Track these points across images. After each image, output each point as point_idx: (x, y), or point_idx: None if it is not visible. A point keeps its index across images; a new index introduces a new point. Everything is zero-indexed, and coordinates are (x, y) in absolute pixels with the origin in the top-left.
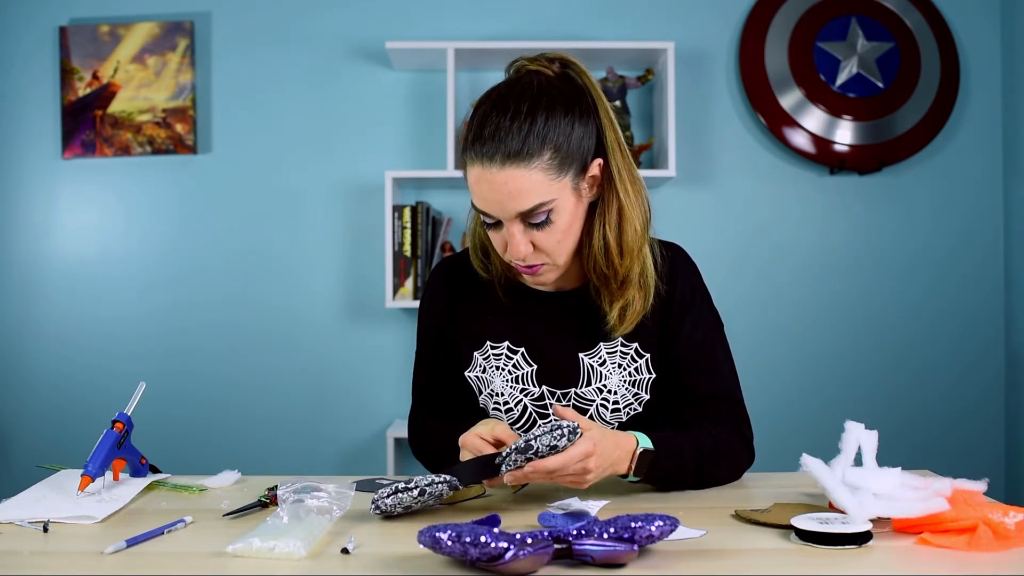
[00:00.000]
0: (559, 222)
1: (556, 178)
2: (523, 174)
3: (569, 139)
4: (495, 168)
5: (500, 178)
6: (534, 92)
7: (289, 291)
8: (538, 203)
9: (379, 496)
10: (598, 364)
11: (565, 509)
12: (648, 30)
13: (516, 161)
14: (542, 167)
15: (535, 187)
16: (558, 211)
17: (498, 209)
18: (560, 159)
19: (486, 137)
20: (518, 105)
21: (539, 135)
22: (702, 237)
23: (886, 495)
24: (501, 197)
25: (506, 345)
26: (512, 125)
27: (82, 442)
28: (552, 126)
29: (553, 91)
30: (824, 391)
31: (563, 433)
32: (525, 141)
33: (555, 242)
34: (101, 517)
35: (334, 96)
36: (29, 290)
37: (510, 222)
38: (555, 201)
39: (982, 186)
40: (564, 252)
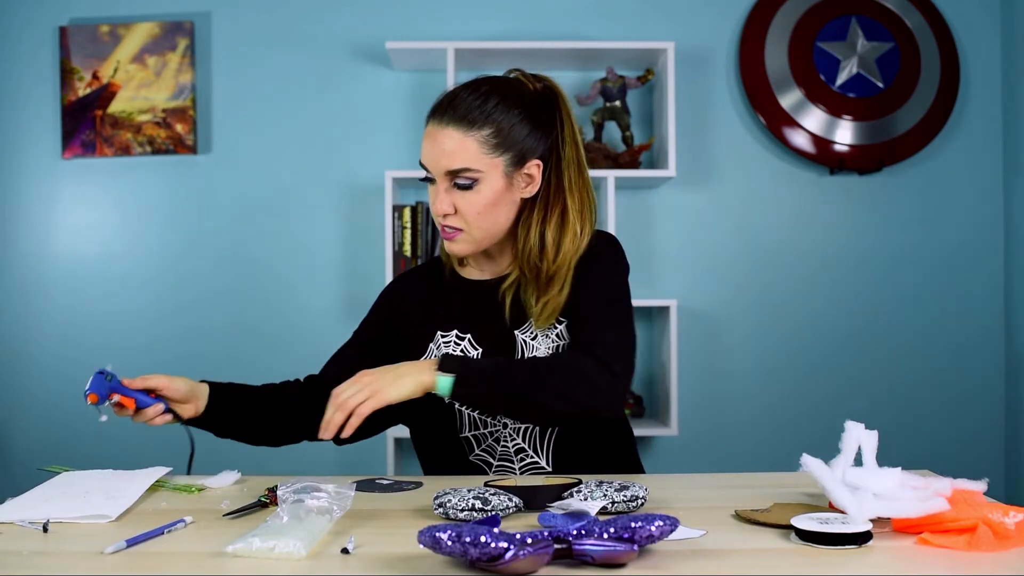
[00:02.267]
0: (483, 194)
1: (488, 154)
2: (460, 137)
3: (512, 129)
4: (440, 127)
5: (441, 135)
6: (502, 84)
7: (289, 291)
8: (464, 167)
9: (448, 502)
10: (530, 338)
11: (565, 509)
12: (648, 30)
13: (457, 125)
14: (478, 139)
15: (466, 153)
16: (484, 183)
17: (432, 163)
18: (498, 141)
19: (443, 102)
20: (480, 87)
21: (485, 113)
22: (702, 237)
23: (886, 495)
24: (437, 152)
25: (454, 333)
26: (467, 98)
27: (82, 442)
28: (500, 112)
29: (518, 93)
30: (824, 391)
31: None
32: (471, 111)
33: (475, 212)
34: (115, 515)
35: (334, 96)
36: (29, 290)
37: (439, 178)
38: (483, 174)
39: (982, 186)
40: (481, 226)
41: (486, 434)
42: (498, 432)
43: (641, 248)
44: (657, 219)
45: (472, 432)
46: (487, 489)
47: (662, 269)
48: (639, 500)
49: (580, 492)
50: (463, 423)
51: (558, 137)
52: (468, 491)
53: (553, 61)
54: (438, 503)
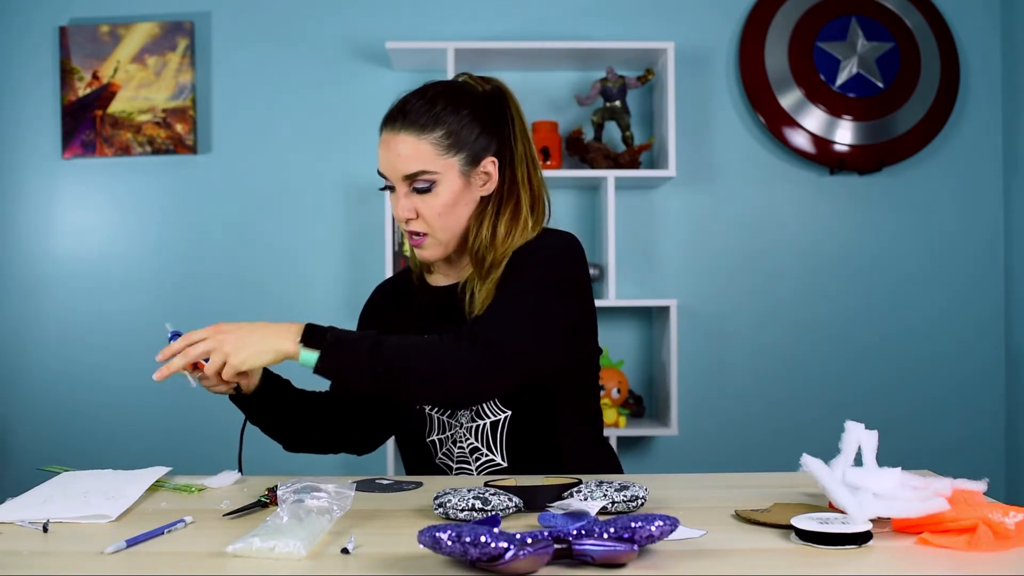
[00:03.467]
0: (441, 196)
1: (443, 155)
2: (413, 141)
3: (462, 129)
4: (393, 133)
5: (395, 141)
6: (449, 88)
7: (289, 291)
8: (421, 170)
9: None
10: None
11: (565, 509)
12: (648, 30)
13: (410, 130)
14: (431, 141)
15: (421, 156)
16: (442, 184)
17: (389, 169)
18: (450, 142)
19: (395, 110)
20: (427, 91)
21: (436, 116)
22: (702, 237)
23: (886, 495)
24: (392, 158)
25: None
26: (417, 103)
27: (82, 442)
28: (450, 114)
29: (467, 95)
30: (824, 391)
31: None
32: (421, 116)
33: (435, 214)
34: (115, 515)
35: (334, 96)
36: (29, 290)
37: (397, 183)
38: (439, 175)
39: (982, 186)
40: (444, 227)
41: (447, 436)
42: (455, 433)
43: (641, 248)
44: (657, 219)
45: (438, 435)
46: (487, 489)
47: (662, 269)
48: (639, 500)
49: (580, 492)
50: (431, 427)
51: (510, 134)
52: (468, 491)
53: (553, 61)
54: (438, 503)
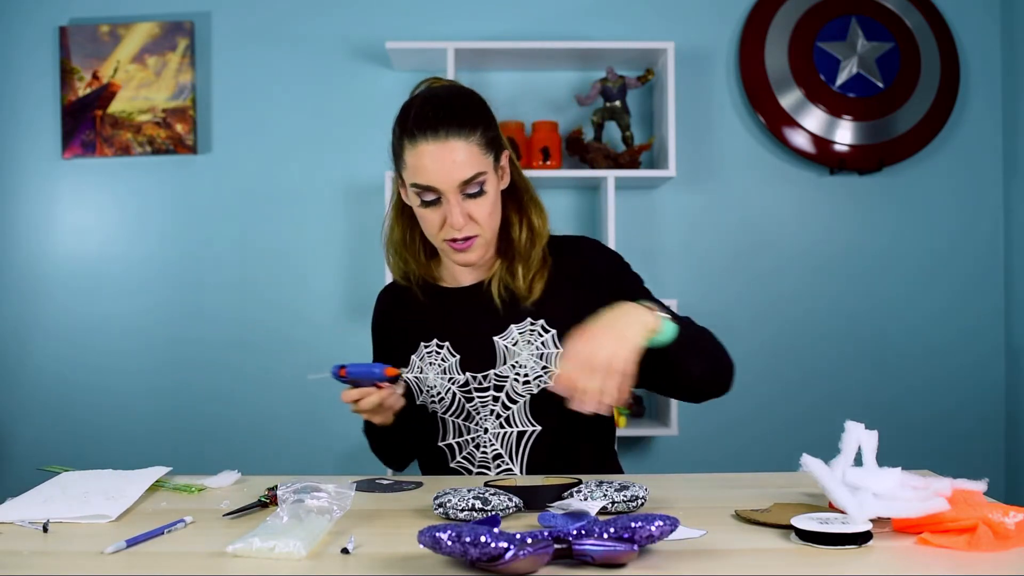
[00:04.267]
0: (489, 194)
1: (486, 154)
2: (464, 145)
3: (488, 126)
4: (440, 141)
5: (446, 149)
6: (458, 89)
7: (289, 291)
8: (476, 172)
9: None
10: (511, 344)
11: (565, 509)
12: (648, 30)
13: (458, 135)
14: (477, 141)
15: (473, 158)
16: (488, 184)
17: (443, 180)
18: (488, 139)
19: (429, 117)
20: (450, 95)
21: (473, 115)
22: (702, 237)
23: (886, 495)
24: (446, 167)
25: (434, 342)
26: (452, 107)
27: (82, 442)
28: (476, 112)
29: (467, 93)
30: (824, 391)
31: None
32: (464, 118)
33: (487, 214)
34: (115, 515)
35: (334, 96)
36: (29, 290)
37: (451, 193)
38: (486, 174)
39: (982, 186)
40: (492, 226)
41: (466, 440)
42: (479, 438)
43: (641, 248)
44: (657, 219)
45: (456, 439)
46: (487, 489)
47: (662, 269)
48: (639, 500)
49: (580, 492)
50: (445, 432)
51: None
52: (468, 491)
53: (553, 61)
54: (438, 503)
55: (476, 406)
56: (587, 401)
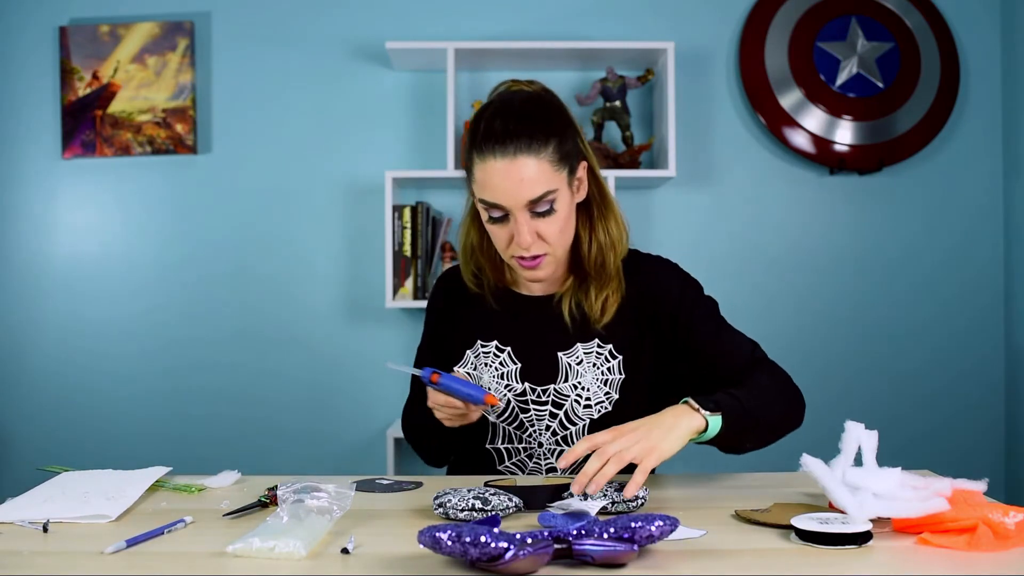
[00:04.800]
0: (560, 212)
1: (557, 170)
2: (534, 163)
3: (564, 139)
4: (508, 159)
5: (514, 167)
6: (532, 99)
7: (289, 291)
8: (545, 190)
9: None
10: (575, 363)
11: (565, 509)
12: (648, 30)
13: (527, 152)
14: (548, 158)
15: (543, 175)
16: (559, 201)
17: (511, 198)
18: (561, 154)
19: (498, 132)
20: (523, 108)
21: (543, 130)
22: (702, 237)
23: (886, 495)
24: (514, 185)
25: (494, 344)
26: (521, 123)
27: (82, 442)
28: (550, 125)
29: (544, 101)
30: (824, 391)
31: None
32: (534, 135)
33: (557, 231)
34: (115, 516)
35: (334, 96)
36: (29, 290)
37: (519, 211)
38: (557, 191)
39: (982, 186)
40: (563, 243)
41: (520, 448)
42: (531, 450)
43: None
44: (657, 219)
45: (505, 445)
46: (487, 489)
47: None
48: (639, 500)
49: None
50: (494, 435)
51: (576, 134)
52: (468, 491)
53: (553, 61)
54: (438, 503)
55: (531, 418)
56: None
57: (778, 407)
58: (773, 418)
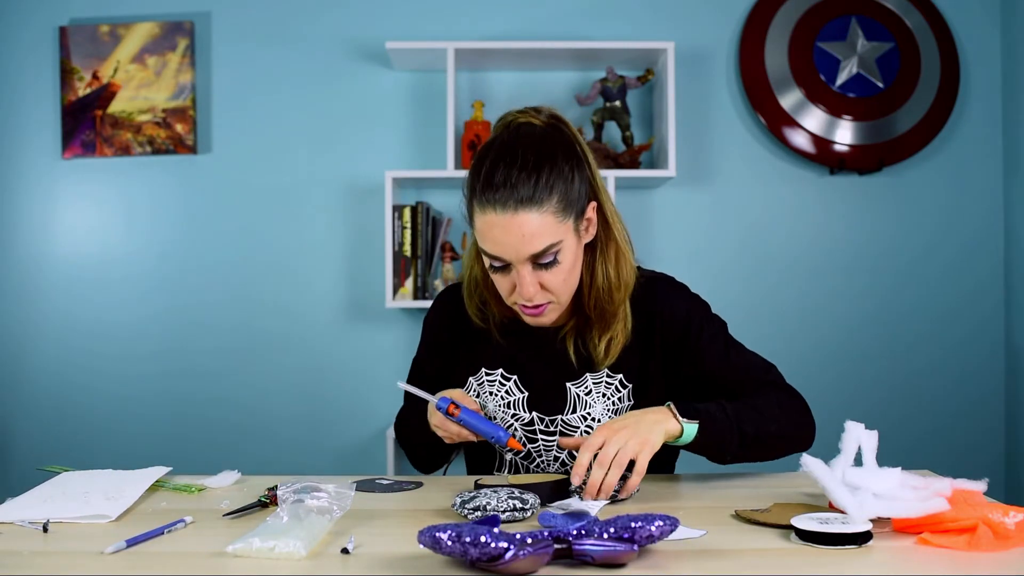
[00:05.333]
0: (564, 262)
1: (562, 221)
2: (535, 218)
3: (571, 184)
4: (509, 213)
5: (515, 222)
6: (536, 142)
7: (289, 291)
8: (548, 244)
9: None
10: (584, 393)
11: (565, 509)
12: (648, 30)
13: (529, 206)
14: (551, 210)
15: (546, 230)
16: (563, 252)
17: (511, 252)
18: (565, 203)
19: (498, 184)
20: (525, 155)
21: (547, 181)
22: (702, 237)
23: (886, 495)
24: (514, 240)
25: (500, 372)
26: (522, 174)
27: (82, 442)
28: (556, 173)
29: (550, 141)
30: (824, 391)
31: None
32: (536, 187)
33: (561, 281)
34: (115, 516)
35: (334, 96)
36: (29, 290)
37: (520, 264)
38: (562, 242)
39: (982, 186)
40: (568, 291)
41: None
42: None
43: (641, 248)
44: (657, 219)
45: (510, 474)
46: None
47: (662, 269)
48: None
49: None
50: (502, 464)
51: (588, 167)
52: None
53: (553, 61)
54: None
55: (539, 448)
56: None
57: (776, 426)
58: (766, 438)
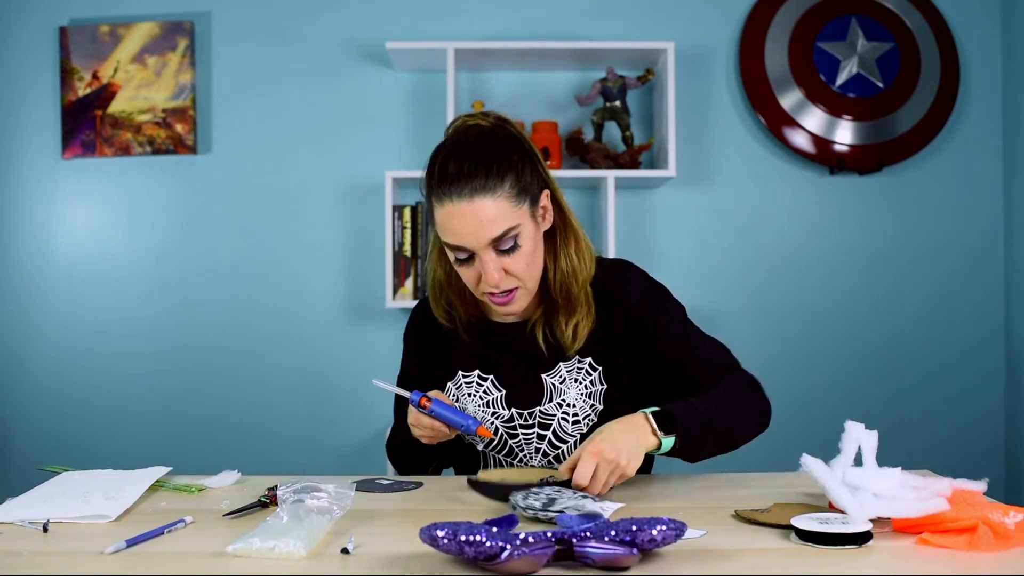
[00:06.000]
0: (525, 246)
1: (517, 205)
2: (491, 203)
3: (521, 172)
4: (465, 201)
5: (471, 209)
6: (484, 138)
7: (289, 291)
8: (506, 228)
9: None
10: (558, 382)
11: (579, 510)
12: (648, 30)
13: (483, 192)
14: (505, 195)
15: (502, 214)
16: (523, 236)
17: (472, 239)
18: (519, 188)
19: (452, 176)
20: (473, 149)
21: (497, 170)
22: (702, 237)
23: (886, 495)
24: (473, 227)
25: (476, 373)
26: (472, 164)
27: (82, 442)
28: (505, 161)
29: (497, 136)
30: (824, 391)
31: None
32: (488, 175)
33: (524, 265)
34: (115, 516)
35: (334, 96)
36: (29, 290)
37: (483, 251)
38: (520, 227)
39: (982, 186)
40: (533, 276)
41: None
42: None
43: (641, 248)
44: (657, 219)
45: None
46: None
47: (661, 269)
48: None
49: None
50: (486, 464)
51: (538, 162)
52: (574, 492)
53: (553, 61)
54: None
55: (520, 443)
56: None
57: (738, 416)
58: (732, 428)
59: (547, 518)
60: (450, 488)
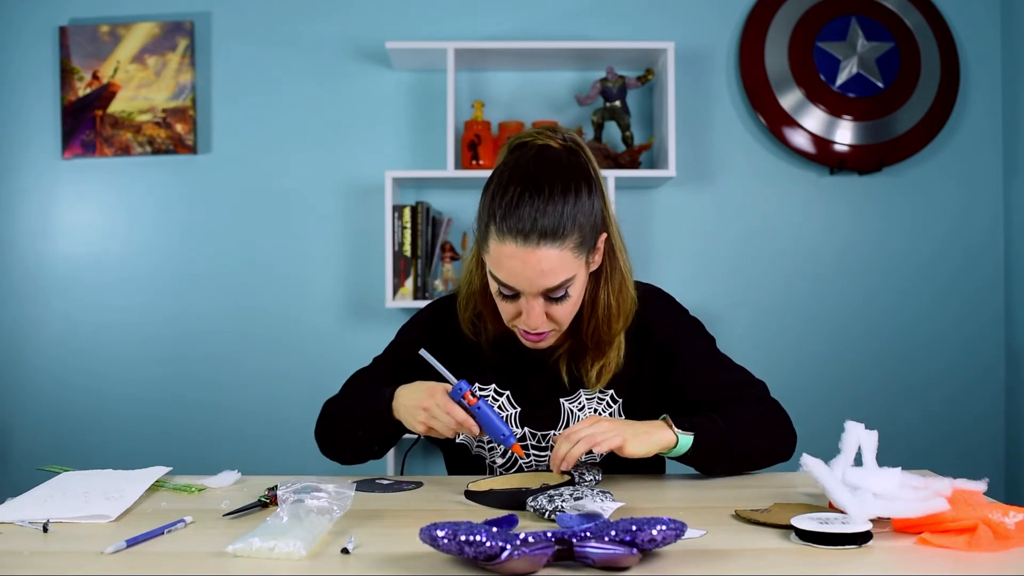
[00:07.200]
0: (573, 295)
1: (578, 256)
2: (556, 253)
3: (590, 218)
4: (530, 247)
5: (535, 256)
6: (561, 170)
7: (289, 291)
8: (564, 280)
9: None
10: (577, 408)
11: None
12: (648, 30)
13: (551, 241)
14: (571, 246)
15: (564, 265)
16: (574, 285)
17: (525, 285)
18: (583, 238)
19: (522, 215)
20: (551, 185)
21: (570, 215)
22: (702, 237)
23: (886, 495)
24: (532, 274)
25: (493, 388)
26: (547, 206)
27: (82, 442)
28: (579, 206)
29: (572, 169)
30: (824, 391)
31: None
32: (560, 222)
33: (567, 313)
34: (115, 516)
35: (334, 96)
36: (29, 290)
37: (532, 297)
38: (575, 276)
39: (983, 186)
40: (570, 319)
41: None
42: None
43: (641, 248)
44: (657, 219)
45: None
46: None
47: (662, 269)
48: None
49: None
50: (493, 471)
51: (602, 194)
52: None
53: (553, 61)
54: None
55: (531, 463)
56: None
57: (760, 442)
58: (751, 451)
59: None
60: (450, 488)
